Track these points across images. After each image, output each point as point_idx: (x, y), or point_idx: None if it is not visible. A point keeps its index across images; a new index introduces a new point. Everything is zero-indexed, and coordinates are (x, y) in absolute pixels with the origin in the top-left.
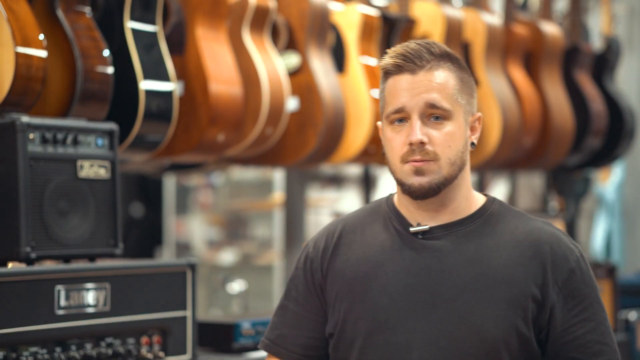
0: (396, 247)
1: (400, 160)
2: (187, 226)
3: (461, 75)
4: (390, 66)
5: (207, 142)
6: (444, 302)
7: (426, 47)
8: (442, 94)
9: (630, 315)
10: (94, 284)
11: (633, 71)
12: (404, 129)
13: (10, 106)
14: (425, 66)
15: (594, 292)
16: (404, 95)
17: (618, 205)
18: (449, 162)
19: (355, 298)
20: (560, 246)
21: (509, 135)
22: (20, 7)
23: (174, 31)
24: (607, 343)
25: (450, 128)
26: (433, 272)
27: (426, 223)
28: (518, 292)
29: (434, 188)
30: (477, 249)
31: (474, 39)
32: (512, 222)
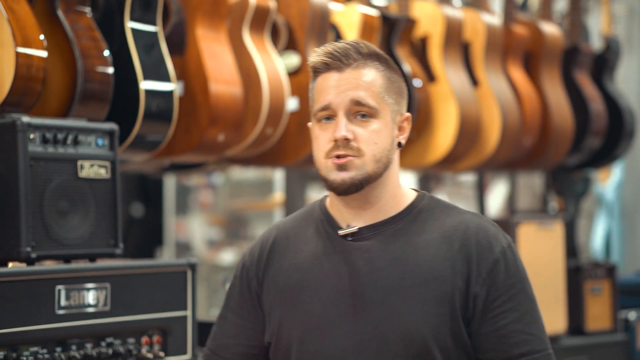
0: (327, 251)
1: (324, 156)
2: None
3: (389, 75)
4: (318, 64)
5: (207, 142)
6: (373, 303)
7: (354, 46)
8: (368, 91)
9: (630, 315)
10: (94, 284)
11: (633, 71)
12: (331, 127)
13: (10, 106)
14: (352, 64)
15: (520, 282)
16: (330, 92)
17: (618, 205)
18: (373, 159)
19: (288, 305)
20: (487, 237)
21: (508, 135)
22: (21, 7)
23: (174, 31)
24: (532, 333)
25: (376, 126)
26: (362, 274)
27: (355, 223)
28: (446, 287)
29: (356, 184)
30: (405, 248)
31: (473, 39)
32: (440, 217)
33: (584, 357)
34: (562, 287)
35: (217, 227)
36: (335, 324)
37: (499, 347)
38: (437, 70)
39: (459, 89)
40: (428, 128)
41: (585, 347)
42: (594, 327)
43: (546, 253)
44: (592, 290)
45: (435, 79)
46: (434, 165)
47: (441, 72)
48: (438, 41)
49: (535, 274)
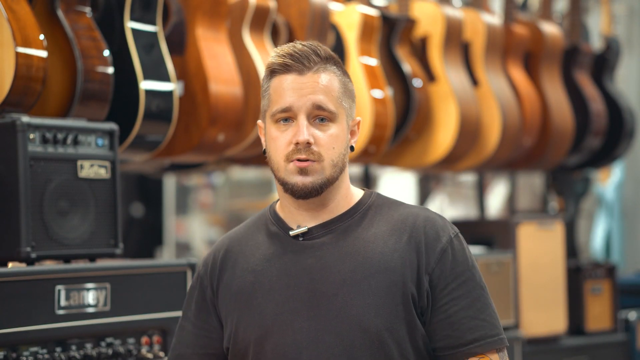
0: (278, 252)
1: (284, 159)
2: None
3: (344, 79)
4: (278, 65)
5: (207, 142)
6: (326, 298)
7: (313, 49)
8: (328, 96)
9: (630, 315)
10: (94, 284)
11: (633, 71)
12: (290, 129)
13: (10, 106)
14: (313, 67)
15: (468, 270)
16: (291, 95)
17: (618, 205)
18: (331, 163)
19: (242, 308)
20: (434, 227)
21: (508, 135)
22: (21, 7)
23: (174, 31)
24: (483, 319)
25: (334, 130)
26: (314, 271)
27: (306, 224)
28: (396, 278)
29: (316, 188)
30: (355, 242)
31: (473, 39)
32: (389, 212)
33: (584, 357)
34: (562, 287)
35: (217, 227)
36: (289, 321)
37: (451, 334)
38: (437, 70)
39: (459, 89)
40: (428, 128)
41: (585, 347)
42: (594, 327)
43: (546, 253)
44: (592, 290)
45: (435, 79)
46: (434, 165)
47: (441, 72)
48: (438, 41)
49: (535, 274)
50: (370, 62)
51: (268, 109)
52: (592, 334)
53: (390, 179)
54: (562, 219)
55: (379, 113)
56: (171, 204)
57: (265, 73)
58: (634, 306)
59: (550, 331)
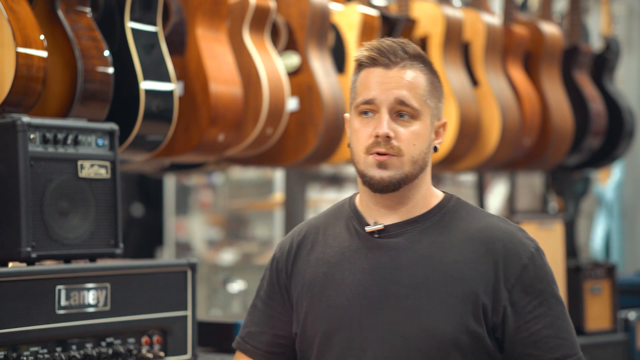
0: (354, 247)
1: (364, 151)
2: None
3: (432, 78)
4: (365, 58)
5: (207, 142)
6: (397, 300)
7: (401, 45)
8: (412, 92)
9: (629, 315)
10: (94, 284)
11: (632, 71)
12: (372, 122)
13: (10, 106)
14: (399, 63)
15: (549, 287)
16: (375, 88)
17: (617, 205)
18: (411, 160)
19: (314, 298)
20: (514, 242)
21: (508, 135)
22: (21, 7)
23: (174, 31)
24: (564, 337)
25: (416, 127)
26: (387, 271)
27: (383, 221)
28: (469, 289)
29: (394, 183)
30: (431, 246)
31: (473, 39)
32: (467, 219)
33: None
34: (562, 287)
35: (217, 227)
36: (359, 318)
37: (533, 353)
38: (437, 70)
39: (459, 89)
40: None
41: (585, 347)
42: (594, 327)
43: (546, 253)
44: (592, 290)
45: None
46: (434, 165)
47: (441, 72)
48: (438, 41)
49: None
50: None
51: (353, 102)
52: (592, 334)
53: None
54: (562, 219)
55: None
56: (171, 204)
57: (354, 66)
58: (634, 306)
59: None
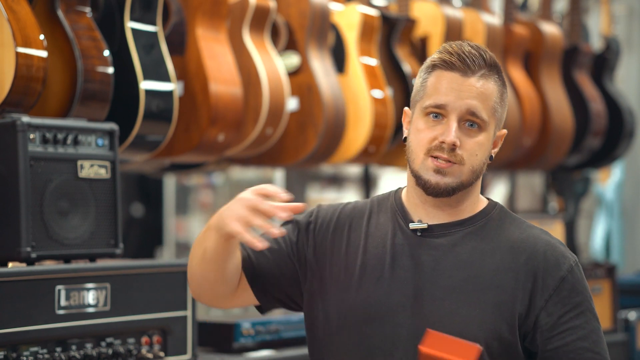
0: (396, 241)
1: (425, 152)
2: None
3: (503, 90)
4: (442, 61)
5: (207, 142)
6: (432, 300)
7: (481, 54)
8: (484, 103)
9: (630, 315)
10: (94, 284)
11: (632, 71)
12: (438, 126)
13: (10, 106)
14: (477, 72)
15: (586, 301)
16: (449, 93)
17: (617, 205)
18: (471, 169)
19: (349, 285)
20: (554, 254)
21: (508, 135)
22: (21, 7)
23: (174, 31)
24: (598, 352)
25: (481, 138)
26: (426, 270)
27: (428, 220)
28: (506, 298)
29: (449, 190)
30: (472, 252)
31: (473, 39)
32: (509, 228)
33: None
34: None
35: None
36: (393, 312)
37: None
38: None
39: None
40: None
41: None
42: None
43: None
44: (592, 290)
45: None
46: None
47: None
48: (438, 41)
49: None
50: (370, 62)
51: (420, 100)
52: None
53: (390, 179)
54: (562, 219)
55: (379, 113)
56: (171, 204)
57: (426, 64)
58: (634, 306)
59: None
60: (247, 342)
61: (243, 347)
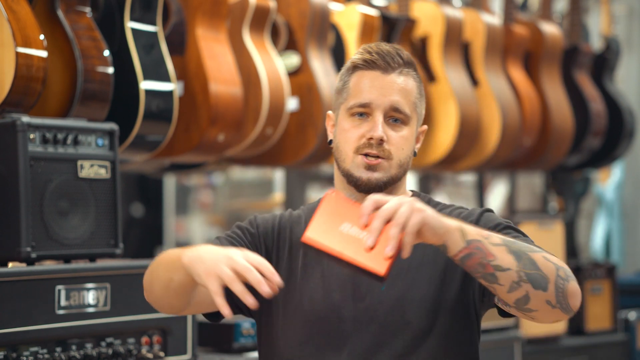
0: None
1: (354, 151)
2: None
3: (420, 86)
4: (363, 61)
5: (207, 142)
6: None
7: (397, 52)
8: (406, 99)
9: (630, 315)
10: (94, 284)
11: (632, 71)
12: (364, 123)
13: (10, 106)
14: (397, 69)
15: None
16: (373, 91)
17: (617, 205)
18: (399, 163)
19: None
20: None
21: (508, 135)
22: (21, 7)
23: (174, 31)
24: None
25: (405, 132)
26: None
27: None
28: (438, 268)
29: (380, 185)
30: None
31: (473, 39)
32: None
33: (584, 357)
34: None
35: (217, 227)
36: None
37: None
38: (437, 70)
39: (459, 89)
40: (428, 128)
41: (585, 347)
42: (594, 327)
43: None
44: (592, 290)
45: (435, 79)
46: (434, 165)
47: (441, 72)
48: (438, 41)
49: None
50: None
51: (345, 102)
52: (592, 334)
53: None
54: (562, 219)
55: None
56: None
57: (346, 67)
58: (634, 306)
59: (550, 331)
60: (247, 342)
61: (243, 347)
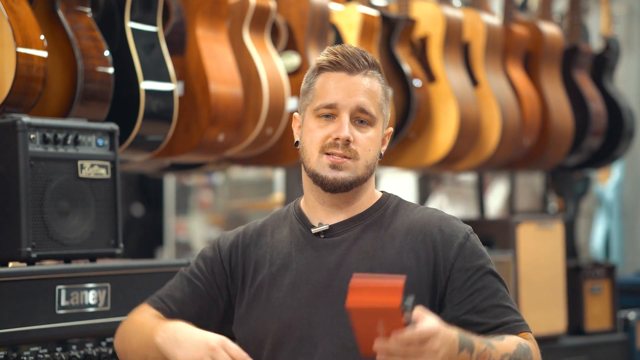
0: (299, 247)
1: (319, 150)
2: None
3: (385, 89)
4: (328, 62)
5: (208, 142)
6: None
7: (362, 53)
8: (372, 101)
9: (629, 315)
10: (94, 284)
11: (632, 71)
12: (330, 124)
13: (11, 106)
14: (362, 70)
15: (487, 263)
16: (338, 92)
17: (617, 205)
18: (365, 164)
19: (261, 299)
20: (449, 226)
21: (508, 135)
22: (21, 7)
23: (174, 31)
24: (507, 306)
25: (371, 134)
26: (332, 268)
27: (328, 221)
28: (412, 278)
29: (346, 185)
30: (373, 242)
31: (473, 39)
32: (404, 213)
33: (583, 357)
34: (562, 287)
35: (217, 227)
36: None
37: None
38: (437, 70)
39: (458, 89)
40: (428, 128)
41: (585, 347)
42: (594, 327)
43: (546, 253)
44: (592, 290)
45: (435, 79)
46: (434, 165)
47: (441, 72)
48: (438, 41)
49: (535, 274)
50: None
51: (310, 103)
52: (592, 334)
53: (390, 179)
54: (562, 219)
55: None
56: (171, 204)
57: (312, 68)
58: (634, 306)
59: (550, 331)
60: None
61: None
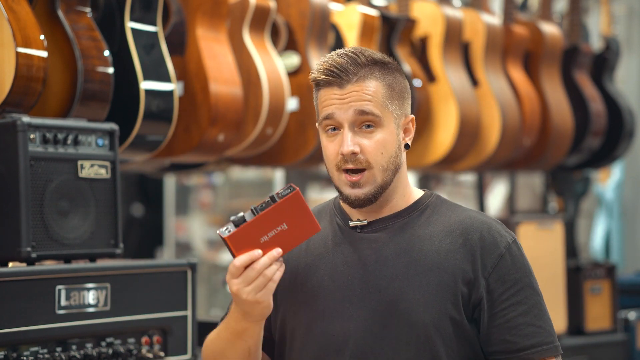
0: (337, 240)
1: (335, 169)
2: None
3: (390, 80)
4: (320, 80)
5: (208, 142)
6: (377, 290)
7: (352, 59)
8: (371, 102)
9: (629, 315)
10: (94, 284)
11: (632, 71)
12: (337, 139)
13: (11, 106)
14: (352, 79)
15: (525, 276)
16: (333, 107)
17: (617, 205)
18: (381, 169)
19: (296, 289)
20: (491, 232)
21: (508, 135)
22: (21, 7)
23: (174, 31)
24: (540, 325)
25: (380, 135)
26: (368, 263)
27: (365, 218)
28: (447, 278)
29: (370, 198)
30: (411, 239)
31: (473, 39)
32: (446, 213)
33: (583, 357)
34: (562, 287)
35: (217, 227)
36: (340, 308)
37: (509, 339)
38: (437, 70)
39: (458, 89)
40: (428, 128)
41: (585, 347)
42: (594, 327)
43: (546, 253)
44: (592, 290)
45: (435, 79)
46: (434, 165)
47: (441, 72)
48: (438, 41)
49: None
50: None
51: (319, 119)
52: (592, 334)
53: None
54: (562, 219)
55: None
56: (171, 204)
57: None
58: (634, 306)
59: None
60: None
61: None
